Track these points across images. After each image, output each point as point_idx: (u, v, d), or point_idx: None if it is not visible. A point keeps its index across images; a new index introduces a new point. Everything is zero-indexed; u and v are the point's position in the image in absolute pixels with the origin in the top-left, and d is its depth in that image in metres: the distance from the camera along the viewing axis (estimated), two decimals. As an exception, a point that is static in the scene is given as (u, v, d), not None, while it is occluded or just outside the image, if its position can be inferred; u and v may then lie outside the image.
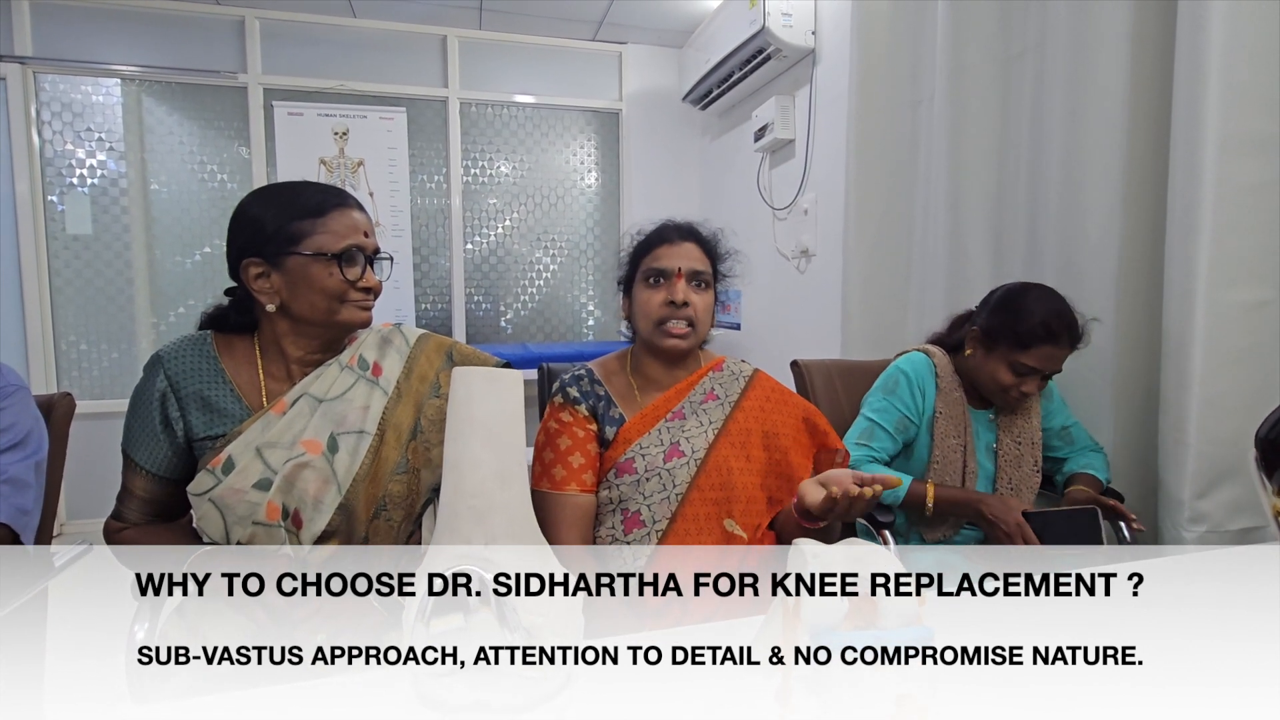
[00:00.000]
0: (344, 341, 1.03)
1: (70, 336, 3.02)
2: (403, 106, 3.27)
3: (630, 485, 1.09)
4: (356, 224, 0.97)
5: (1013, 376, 1.31)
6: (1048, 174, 1.57)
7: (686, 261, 1.13)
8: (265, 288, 0.95)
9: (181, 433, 0.95)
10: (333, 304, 0.95)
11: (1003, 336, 1.31)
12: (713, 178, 3.55)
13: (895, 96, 2.01)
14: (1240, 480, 1.27)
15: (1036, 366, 1.29)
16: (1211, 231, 1.20)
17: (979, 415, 1.42)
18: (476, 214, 3.51)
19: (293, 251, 0.93)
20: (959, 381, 1.40)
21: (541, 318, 3.65)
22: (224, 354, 0.99)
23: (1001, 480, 1.39)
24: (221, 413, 0.95)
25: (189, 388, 0.96)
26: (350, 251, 0.95)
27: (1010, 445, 1.39)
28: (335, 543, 0.96)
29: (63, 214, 2.97)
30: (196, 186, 3.11)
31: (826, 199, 2.46)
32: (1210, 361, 1.23)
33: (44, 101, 2.94)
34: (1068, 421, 1.46)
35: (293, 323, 0.97)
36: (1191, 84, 1.22)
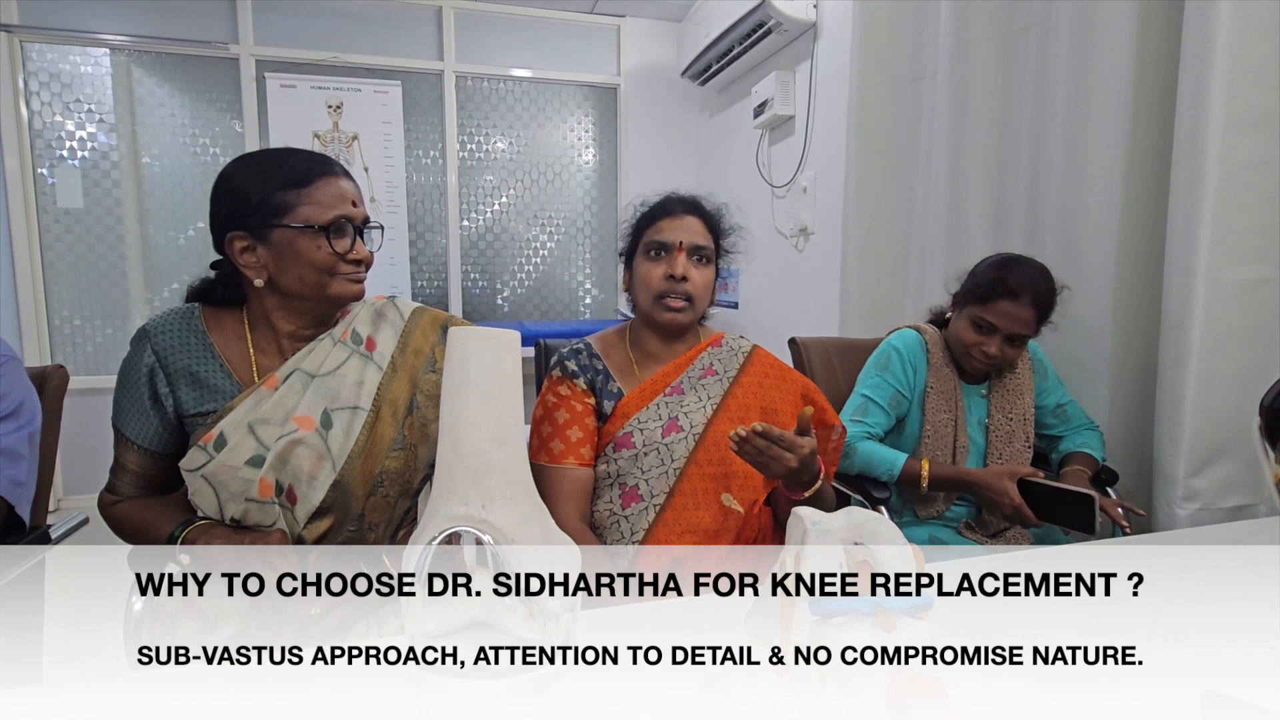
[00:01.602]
0: (335, 315, 1.01)
1: (63, 312, 3.00)
2: (398, 80, 3.22)
3: (628, 460, 1.09)
4: (344, 193, 0.94)
5: (974, 334, 1.33)
6: (1049, 150, 1.56)
7: (689, 235, 1.12)
8: (252, 262, 0.92)
9: (171, 408, 0.94)
10: (322, 278, 0.93)
11: (968, 294, 1.35)
12: (711, 155, 3.52)
13: (897, 72, 1.98)
14: (1234, 458, 1.27)
15: (995, 323, 1.30)
16: (1214, 208, 1.20)
17: (971, 390, 1.42)
18: (473, 190, 3.47)
19: (278, 224, 0.90)
20: (950, 357, 1.42)
21: (538, 296, 3.63)
22: (212, 328, 0.97)
23: (992, 455, 1.40)
24: (211, 388, 0.94)
25: (177, 363, 0.94)
26: (339, 223, 0.92)
27: (1002, 421, 1.40)
28: (330, 519, 0.96)
29: (53, 187, 2.93)
30: (189, 160, 3.07)
31: (826, 176, 2.44)
32: (1208, 339, 1.23)
33: (32, 72, 2.89)
34: (1063, 399, 1.47)
35: (281, 297, 0.95)
36: (1198, 58, 1.21)
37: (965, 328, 1.35)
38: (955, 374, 1.41)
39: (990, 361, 1.33)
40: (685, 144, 3.65)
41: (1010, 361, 1.36)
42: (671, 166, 3.59)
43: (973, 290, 1.35)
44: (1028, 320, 1.29)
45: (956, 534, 1.38)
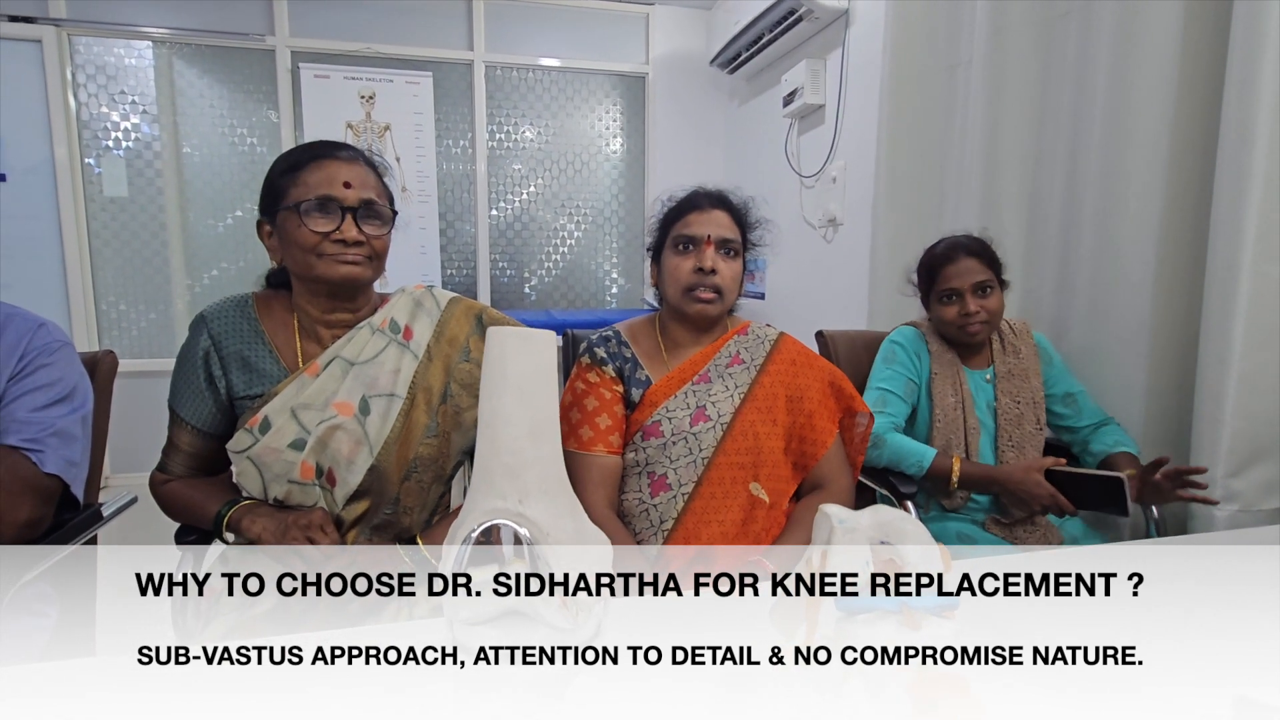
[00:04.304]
0: (359, 301, 1.03)
1: (110, 297, 3.10)
2: (429, 71, 3.25)
3: (657, 449, 1.11)
4: (332, 175, 0.94)
5: (949, 307, 1.41)
6: (1088, 141, 1.52)
7: (716, 229, 1.12)
8: (272, 245, 1.00)
9: (224, 390, 0.99)
10: (308, 258, 0.94)
11: (924, 288, 1.48)
12: (739, 144, 3.49)
13: (931, 60, 1.94)
14: (1275, 459, 1.24)
15: (954, 286, 1.40)
16: (1259, 202, 1.16)
17: (975, 375, 1.46)
18: (501, 180, 3.50)
19: (278, 208, 0.96)
20: (948, 344, 1.47)
21: (565, 284, 3.65)
22: (264, 315, 1.02)
23: (1002, 437, 1.41)
24: (260, 373, 0.98)
25: (230, 347, 0.99)
26: (320, 202, 0.93)
27: (1009, 404, 1.43)
28: (367, 501, 0.99)
29: (99, 177, 3.03)
30: (227, 150, 3.14)
31: (856, 166, 2.41)
32: (1251, 337, 1.19)
33: (79, 64, 2.98)
34: (1072, 388, 1.48)
35: (298, 281, 1.00)
36: (1247, 45, 1.17)
37: (940, 310, 1.43)
38: (957, 359, 1.45)
39: (977, 318, 1.38)
40: (713, 133, 3.62)
41: (995, 313, 1.40)
42: (699, 156, 3.58)
43: (923, 281, 1.48)
44: (974, 267, 1.39)
45: (983, 529, 1.37)
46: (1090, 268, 1.53)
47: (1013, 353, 1.46)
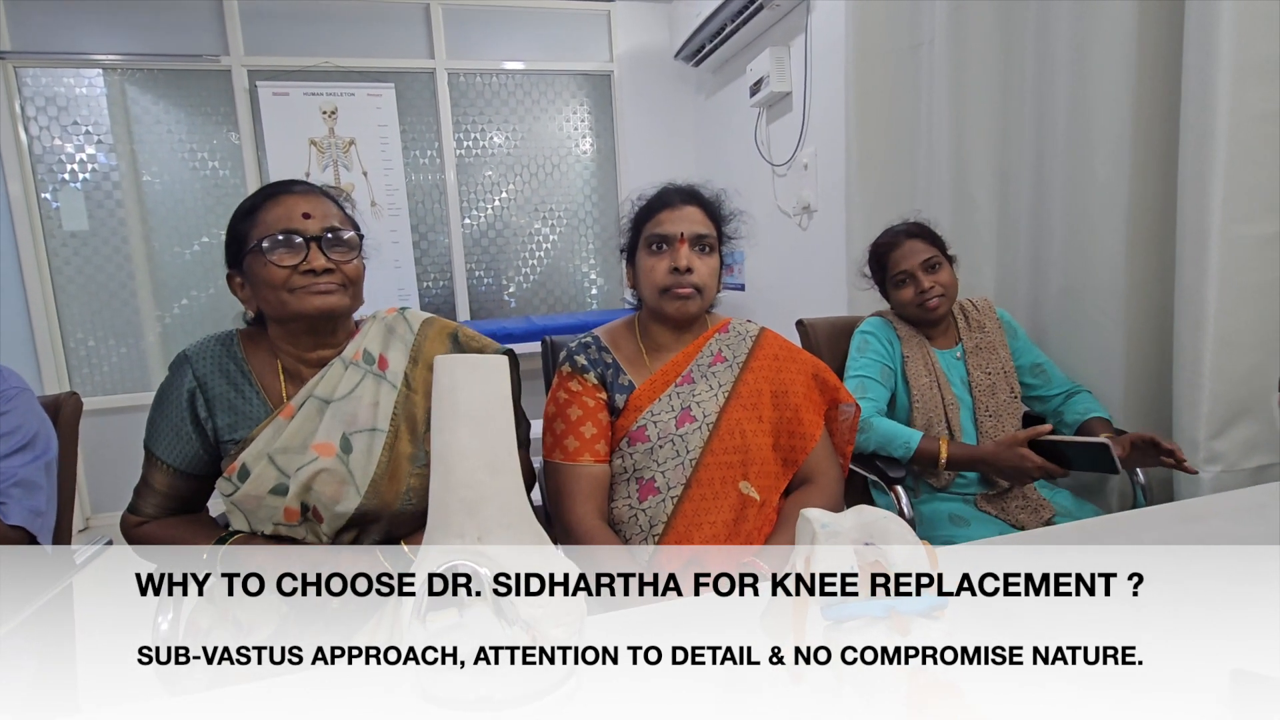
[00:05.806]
0: (340, 335, 0.99)
1: (78, 334, 3.03)
2: (390, 82, 3.20)
3: (644, 453, 1.09)
4: (290, 209, 0.92)
5: (905, 289, 1.45)
6: (1054, 113, 1.52)
7: (689, 226, 1.11)
8: (245, 296, 0.97)
9: (211, 432, 0.95)
10: (280, 295, 0.91)
11: (876, 276, 1.53)
12: (709, 136, 3.48)
13: (894, 40, 1.94)
14: (1256, 418, 1.25)
15: (904, 268, 1.44)
16: (1225, 163, 1.16)
17: (946, 355, 1.49)
18: (472, 188, 3.46)
19: (243, 253, 0.93)
20: (914, 329, 1.50)
21: (544, 289, 3.62)
22: (250, 354, 0.98)
23: (980, 408, 1.44)
24: (245, 415, 0.95)
25: (216, 389, 0.95)
26: (283, 237, 0.90)
27: (981, 376, 1.46)
28: (357, 531, 0.96)
29: (58, 211, 2.96)
30: (189, 175, 3.07)
31: (826, 152, 2.41)
32: (1225, 298, 1.20)
33: (28, 97, 2.90)
34: (1038, 359, 1.51)
35: (276, 325, 0.97)
36: (1204, 6, 1.17)
37: (897, 295, 1.47)
38: (925, 341, 1.48)
39: (933, 292, 1.41)
40: (682, 127, 3.61)
41: (949, 286, 1.43)
42: (670, 150, 3.56)
43: (875, 272, 1.52)
44: (918, 247, 1.43)
45: (975, 508, 1.37)
46: (1063, 239, 1.53)
47: (978, 328, 1.50)
